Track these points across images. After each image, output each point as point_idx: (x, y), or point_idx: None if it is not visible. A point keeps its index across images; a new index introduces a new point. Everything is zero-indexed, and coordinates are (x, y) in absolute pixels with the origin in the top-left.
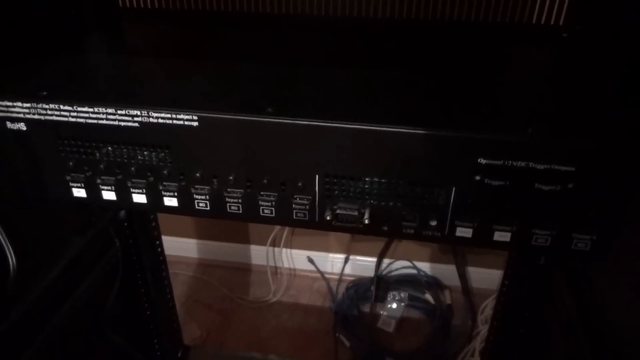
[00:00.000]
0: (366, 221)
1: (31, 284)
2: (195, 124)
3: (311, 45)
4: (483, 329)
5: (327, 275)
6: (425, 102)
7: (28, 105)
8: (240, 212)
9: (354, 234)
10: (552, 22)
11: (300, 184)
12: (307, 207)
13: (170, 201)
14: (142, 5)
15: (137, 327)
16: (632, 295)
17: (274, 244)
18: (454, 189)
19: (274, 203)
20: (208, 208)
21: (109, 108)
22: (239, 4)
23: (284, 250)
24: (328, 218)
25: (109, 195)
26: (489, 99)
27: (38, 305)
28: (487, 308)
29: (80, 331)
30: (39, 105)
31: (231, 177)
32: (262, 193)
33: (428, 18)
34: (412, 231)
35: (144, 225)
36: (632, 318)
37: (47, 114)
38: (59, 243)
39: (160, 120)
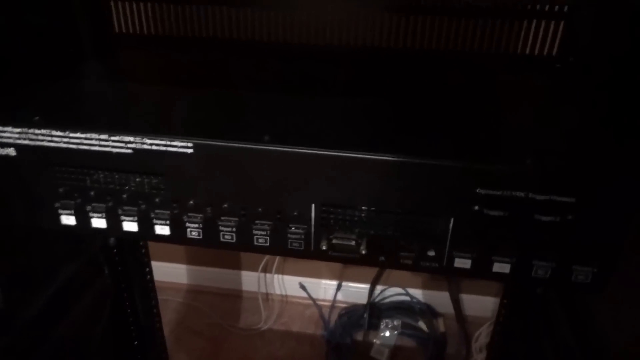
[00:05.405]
0: (363, 252)
1: (18, 314)
2: (190, 150)
3: (309, 74)
4: (477, 358)
5: (319, 302)
6: (423, 132)
7: (18, 130)
8: (234, 241)
9: (350, 264)
10: (545, 53)
11: (295, 213)
12: (303, 236)
13: (162, 229)
14: (138, 31)
15: (124, 356)
16: (631, 324)
17: (266, 269)
18: (452, 219)
19: (268, 232)
20: (200, 237)
21: (102, 134)
22: (236, 31)
23: (275, 276)
24: (324, 248)
25: (98, 223)
26: (487, 129)
27: (25, 335)
28: (481, 336)
29: None
30: (30, 131)
31: (225, 206)
32: (256, 222)
33: (425, 48)
34: (410, 262)
35: (134, 252)
36: (631, 347)
37: (37, 140)
38: (48, 271)
39: (154, 147)
